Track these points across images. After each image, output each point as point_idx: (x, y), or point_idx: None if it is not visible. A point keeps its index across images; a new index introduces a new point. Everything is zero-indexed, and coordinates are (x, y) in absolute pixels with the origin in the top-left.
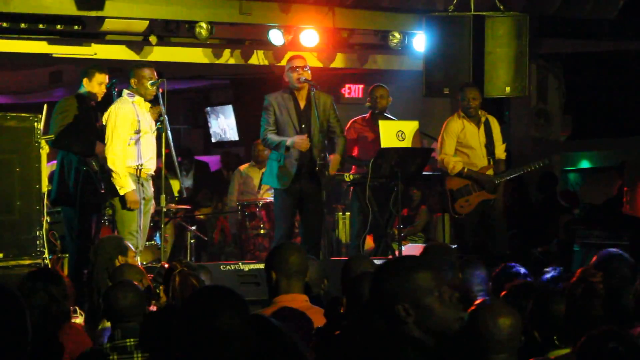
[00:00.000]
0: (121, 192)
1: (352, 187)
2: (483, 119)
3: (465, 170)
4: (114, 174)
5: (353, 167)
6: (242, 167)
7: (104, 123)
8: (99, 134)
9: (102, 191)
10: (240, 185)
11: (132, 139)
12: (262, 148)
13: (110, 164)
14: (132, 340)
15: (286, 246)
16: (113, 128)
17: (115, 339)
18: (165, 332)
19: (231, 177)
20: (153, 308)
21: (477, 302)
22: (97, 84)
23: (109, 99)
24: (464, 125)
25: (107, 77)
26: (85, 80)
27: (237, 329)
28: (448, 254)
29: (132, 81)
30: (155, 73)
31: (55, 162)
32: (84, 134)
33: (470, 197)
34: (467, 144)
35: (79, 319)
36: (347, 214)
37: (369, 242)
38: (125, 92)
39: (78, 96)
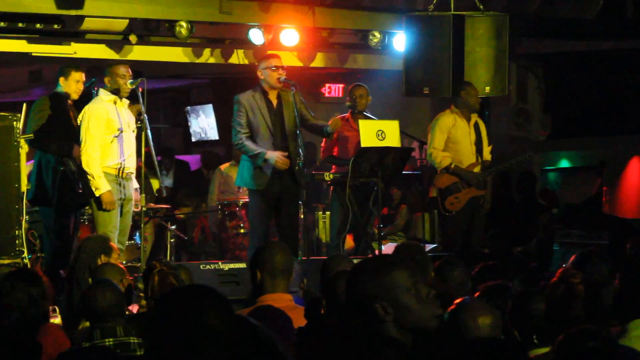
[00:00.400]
0: (97, 194)
1: (332, 187)
2: (473, 120)
3: (453, 166)
4: (88, 176)
5: (333, 166)
6: (223, 167)
7: (78, 123)
8: (77, 133)
9: (80, 191)
10: (221, 184)
11: (113, 135)
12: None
13: (84, 166)
14: (111, 340)
15: (272, 245)
16: (86, 130)
17: (94, 339)
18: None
19: (211, 176)
20: (135, 307)
21: (457, 301)
22: (73, 82)
23: (88, 98)
24: (456, 120)
25: (83, 75)
26: (61, 79)
27: (223, 327)
28: (419, 253)
29: (107, 79)
30: (129, 70)
31: (32, 161)
32: (60, 133)
33: (459, 194)
34: (456, 139)
35: (57, 319)
36: (327, 213)
37: (349, 242)
38: (102, 91)
39: (54, 95)
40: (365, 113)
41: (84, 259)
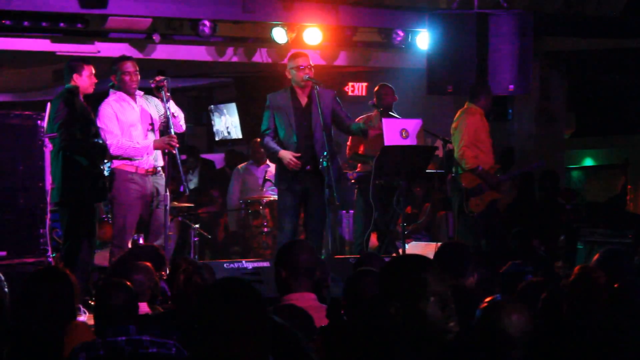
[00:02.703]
0: (152, 152)
1: (356, 185)
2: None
3: (480, 169)
4: (130, 153)
5: (358, 164)
6: (241, 166)
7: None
8: (95, 127)
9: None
10: (241, 183)
11: (125, 134)
12: (258, 146)
13: (117, 153)
14: (123, 337)
15: (296, 244)
16: (105, 132)
17: (106, 336)
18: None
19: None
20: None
21: (488, 299)
22: (87, 77)
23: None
24: (482, 120)
25: (92, 67)
26: (75, 76)
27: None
28: (464, 253)
29: (113, 77)
30: (136, 65)
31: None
32: (81, 129)
33: (483, 195)
34: (482, 139)
35: (82, 317)
36: (351, 211)
37: (373, 240)
38: (111, 90)
39: (67, 92)
40: (391, 112)
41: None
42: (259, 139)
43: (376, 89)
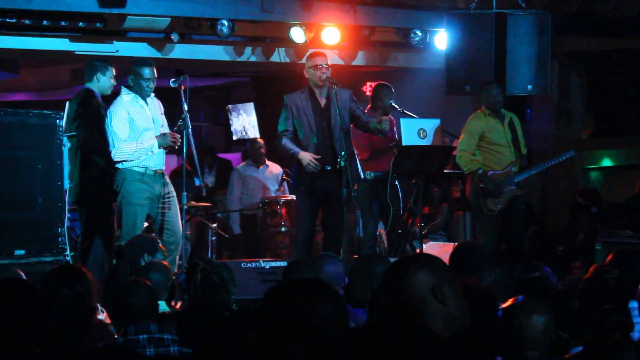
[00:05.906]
0: (156, 149)
1: (355, 185)
2: (507, 119)
3: (480, 171)
4: (134, 155)
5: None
6: (239, 166)
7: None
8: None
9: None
10: (241, 185)
11: (137, 135)
12: (259, 147)
13: (119, 159)
14: (145, 336)
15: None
16: (112, 134)
17: (128, 335)
18: (204, 328)
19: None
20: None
21: (511, 299)
22: (109, 79)
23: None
24: (488, 122)
25: (114, 69)
26: (99, 76)
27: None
28: (478, 252)
29: (130, 78)
30: (155, 71)
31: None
32: (97, 130)
33: (502, 193)
34: (493, 141)
35: (100, 316)
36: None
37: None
38: (123, 90)
39: (88, 92)
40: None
41: (127, 258)
42: (261, 140)
43: (379, 88)
